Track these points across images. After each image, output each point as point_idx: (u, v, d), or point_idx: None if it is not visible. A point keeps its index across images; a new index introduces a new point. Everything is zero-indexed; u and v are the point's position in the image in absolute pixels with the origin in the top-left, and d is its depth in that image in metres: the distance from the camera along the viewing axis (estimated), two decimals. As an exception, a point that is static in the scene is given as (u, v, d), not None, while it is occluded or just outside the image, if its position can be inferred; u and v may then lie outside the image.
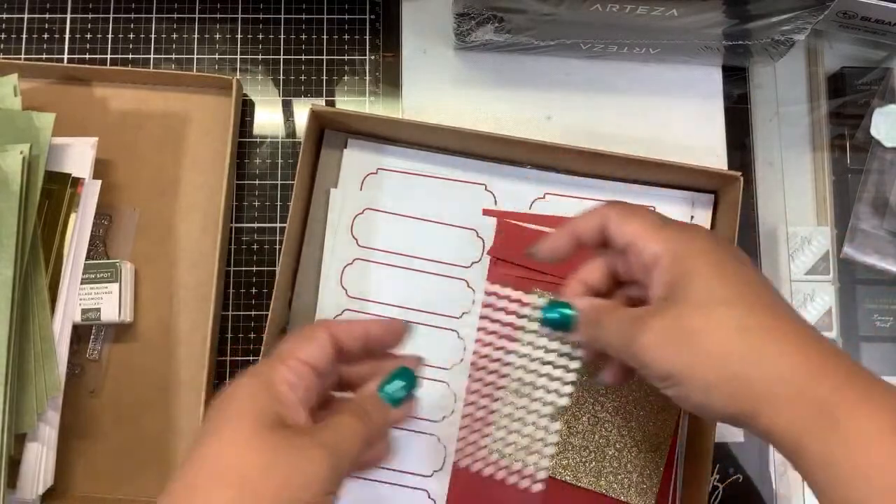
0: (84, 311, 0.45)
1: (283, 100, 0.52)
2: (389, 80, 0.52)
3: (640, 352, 0.32)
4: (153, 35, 0.52)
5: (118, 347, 0.48)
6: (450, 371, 0.46)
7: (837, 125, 0.52)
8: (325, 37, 0.52)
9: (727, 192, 0.47)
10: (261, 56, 0.52)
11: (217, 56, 0.52)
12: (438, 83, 0.52)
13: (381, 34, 0.52)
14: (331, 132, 0.49)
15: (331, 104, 0.52)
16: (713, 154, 0.51)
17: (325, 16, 0.53)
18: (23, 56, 0.51)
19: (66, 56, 0.52)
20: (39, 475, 0.43)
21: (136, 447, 0.47)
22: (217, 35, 0.52)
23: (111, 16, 0.52)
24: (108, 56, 0.52)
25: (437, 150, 0.49)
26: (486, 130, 0.46)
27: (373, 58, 0.52)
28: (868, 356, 0.50)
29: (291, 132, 0.51)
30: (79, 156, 0.47)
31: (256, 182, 0.50)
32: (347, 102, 0.52)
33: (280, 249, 0.48)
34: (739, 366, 0.30)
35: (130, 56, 0.52)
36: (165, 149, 0.50)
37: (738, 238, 0.46)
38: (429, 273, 0.48)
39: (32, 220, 0.44)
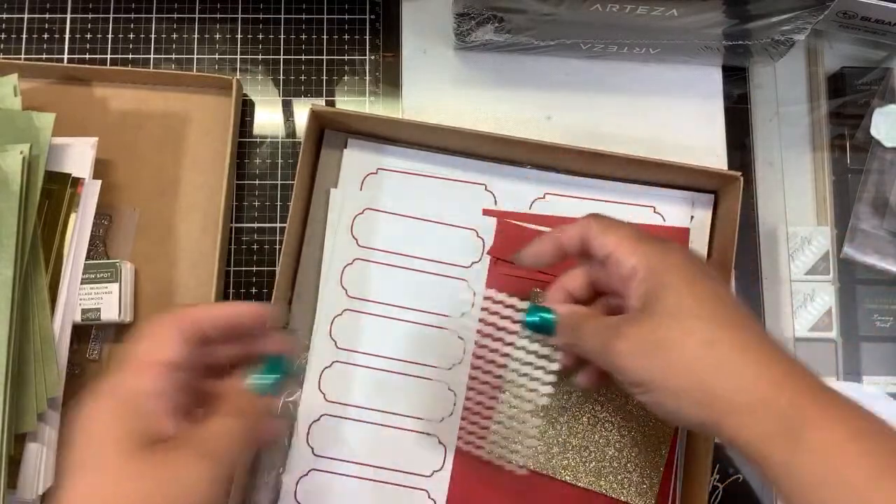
0: (84, 311, 0.45)
1: (283, 100, 0.52)
2: (389, 80, 0.52)
3: (616, 358, 0.34)
4: (153, 35, 0.52)
5: (118, 347, 0.48)
6: (450, 371, 0.46)
7: (837, 125, 0.52)
8: (325, 37, 0.52)
9: (727, 192, 0.47)
10: (261, 56, 0.52)
11: (217, 56, 0.52)
12: (438, 83, 0.52)
13: (381, 34, 0.52)
14: (331, 132, 0.49)
15: (331, 104, 0.52)
16: (713, 154, 0.51)
17: (325, 16, 0.53)
18: (23, 56, 0.51)
19: (66, 56, 0.52)
20: (39, 475, 0.43)
21: (136, 447, 0.47)
22: (217, 35, 0.52)
23: (111, 16, 0.52)
24: (108, 56, 0.52)
25: (437, 150, 0.49)
26: (486, 130, 0.46)
27: (373, 58, 0.52)
28: (868, 356, 0.50)
29: (291, 132, 0.51)
30: (79, 156, 0.47)
31: (256, 182, 0.50)
32: (347, 102, 0.52)
33: (280, 249, 0.48)
34: (706, 376, 0.31)
35: (130, 56, 0.52)
36: (165, 149, 0.50)
37: (739, 238, 0.45)
38: (429, 273, 0.48)
39: (32, 220, 0.44)
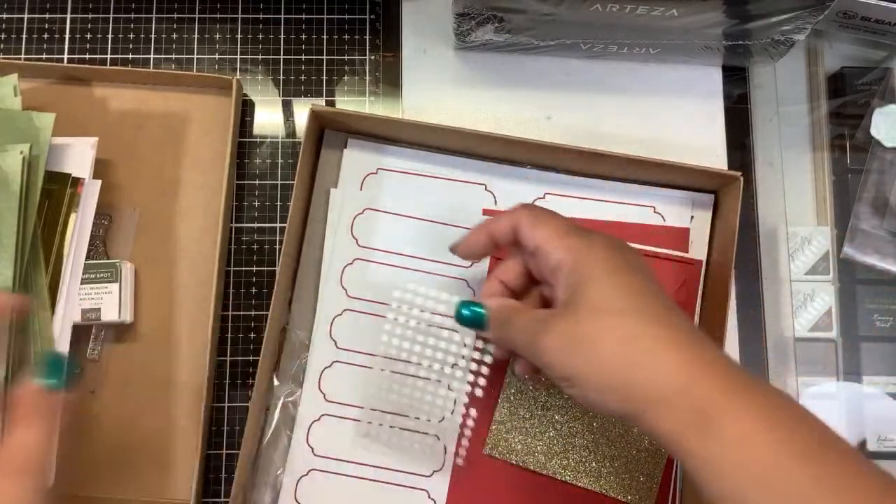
0: (84, 311, 0.45)
1: (283, 100, 0.52)
2: (389, 80, 0.52)
3: (542, 354, 0.35)
4: (153, 35, 0.52)
5: (118, 347, 0.48)
6: (450, 371, 0.46)
7: (837, 125, 0.52)
8: (325, 37, 0.52)
9: (727, 192, 0.47)
10: (261, 56, 0.52)
11: (217, 56, 0.52)
12: (438, 83, 0.52)
13: (381, 34, 0.52)
14: (331, 132, 0.49)
15: (331, 104, 0.52)
16: (713, 154, 0.51)
17: (325, 16, 0.53)
18: (23, 56, 0.51)
19: (66, 56, 0.52)
20: (39, 475, 0.43)
21: (136, 447, 0.47)
22: (217, 35, 0.52)
23: (111, 16, 0.52)
24: (108, 56, 0.52)
25: (437, 150, 0.49)
26: (486, 130, 0.46)
27: (373, 58, 0.52)
28: (868, 356, 0.50)
29: (291, 132, 0.51)
30: (79, 156, 0.47)
31: (256, 182, 0.50)
32: (347, 102, 0.52)
33: (280, 249, 0.48)
34: (625, 371, 0.32)
35: (130, 56, 0.52)
36: (165, 149, 0.50)
37: (739, 238, 0.46)
38: (429, 273, 0.48)
39: (32, 220, 0.44)
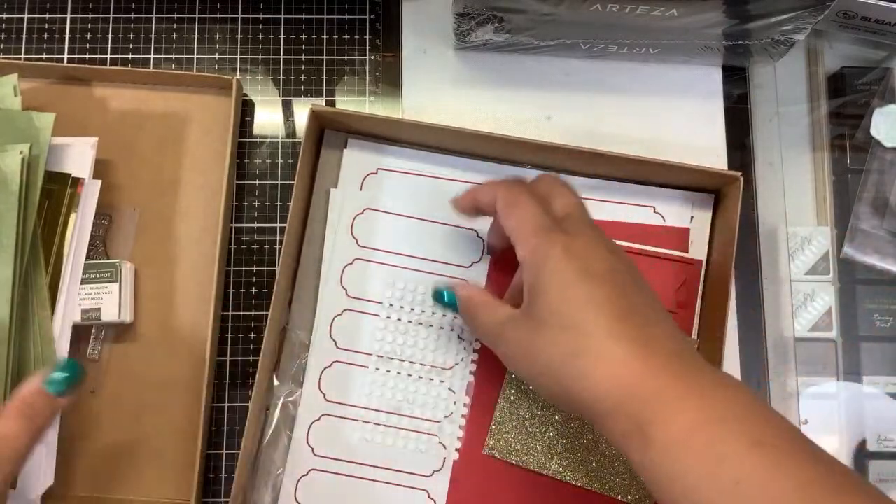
0: (84, 311, 0.45)
1: (283, 100, 0.52)
2: (389, 80, 0.52)
3: (501, 356, 0.38)
4: (153, 35, 0.52)
5: (118, 347, 0.48)
6: (450, 371, 0.46)
7: (837, 125, 0.52)
8: (325, 37, 0.52)
9: (727, 192, 0.47)
10: (261, 56, 0.52)
11: (217, 56, 0.52)
12: (438, 83, 0.52)
13: (381, 34, 0.52)
14: (331, 132, 0.49)
15: (331, 104, 0.52)
16: (713, 154, 0.51)
17: (325, 16, 0.53)
18: (23, 56, 0.51)
19: (66, 56, 0.52)
20: (39, 475, 0.43)
21: (136, 447, 0.47)
22: (217, 35, 0.52)
23: (111, 16, 0.52)
24: (108, 56, 0.52)
25: (437, 150, 0.49)
26: (486, 130, 0.46)
27: (373, 58, 0.52)
28: (868, 356, 0.50)
29: (291, 132, 0.51)
30: (79, 156, 0.47)
31: (256, 182, 0.50)
32: (347, 102, 0.52)
33: (280, 249, 0.48)
34: (573, 384, 0.34)
35: (130, 56, 0.52)
36: (165, 149, 0.50)
37: (739, 238, 0.46)
38: (429, 273, 0.48)
39: (32, 220, 0.44)
